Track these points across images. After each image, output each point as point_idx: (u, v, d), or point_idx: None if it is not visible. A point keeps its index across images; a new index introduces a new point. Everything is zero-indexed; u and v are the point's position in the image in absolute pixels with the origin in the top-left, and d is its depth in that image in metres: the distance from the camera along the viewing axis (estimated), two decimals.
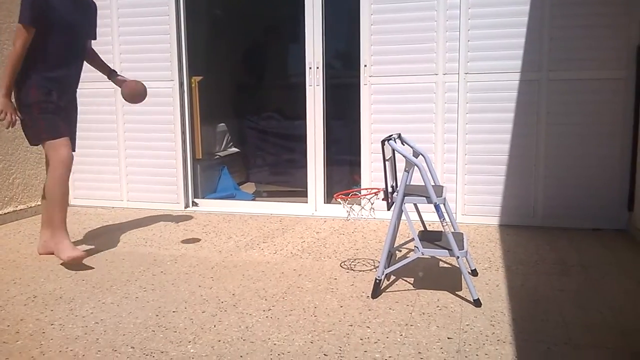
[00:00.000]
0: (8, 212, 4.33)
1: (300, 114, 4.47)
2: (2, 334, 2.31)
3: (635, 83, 3.70)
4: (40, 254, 3.42)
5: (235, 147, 5.80)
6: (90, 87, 4.77)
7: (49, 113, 3.23)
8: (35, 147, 4.60)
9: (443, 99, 4.05)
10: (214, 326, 2.36)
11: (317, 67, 4.29)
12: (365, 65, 4.18)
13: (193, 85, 4.70)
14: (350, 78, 4.31)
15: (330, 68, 4.48)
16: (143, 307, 2.59)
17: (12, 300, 2.69)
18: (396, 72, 4.12)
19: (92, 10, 3.50)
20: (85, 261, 3.28)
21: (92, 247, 3.61)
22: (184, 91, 4.62)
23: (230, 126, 5.72)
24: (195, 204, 4.76)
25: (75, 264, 3.18)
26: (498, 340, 2.20)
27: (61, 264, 3.21)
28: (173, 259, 3.32)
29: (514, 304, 2.56)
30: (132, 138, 4.75)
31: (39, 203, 4.62)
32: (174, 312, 2.52)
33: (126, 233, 3.96)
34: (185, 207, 4.71)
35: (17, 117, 3.18)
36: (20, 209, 4.44)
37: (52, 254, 3.33)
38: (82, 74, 4.86)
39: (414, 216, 2.90)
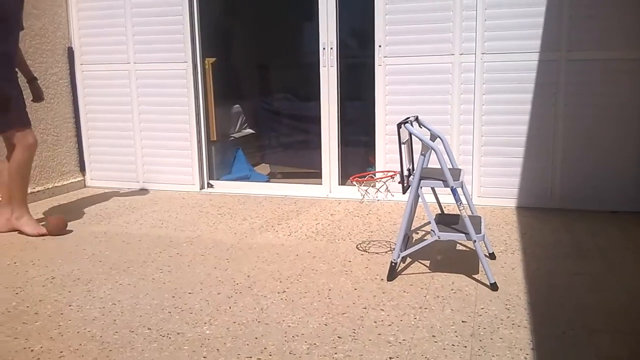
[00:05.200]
0: None
1: (314, 95, 4.44)
2: (22, 315, 2.35)
3: None
4: (1, 232, 3.56)
5: (249, 128, 5.80)
6: (106, 69, 4.79)
7: (16, 103, 3.39)
8: (50, 130, 4.65)
9: (459, 80, 4.00)
10: (229, 308, 2.38)
11: (332, 48, 4.25)
12: (379, 46, 4.13)
13: (207, 67, 4.69)
14: (365, 58, 4.27)
15: (345, 48, 4.43)
16: (159, 288, 2.61)
17: (30, 281, 2.74)
18: (411, 52, 4.07)
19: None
20: (103, 243, 3.33)
21: (108, 228, 3.65)
22: (197, 73, 4.61)
23: (245, 108, 5.71)
24: (210, 186, 4.78)
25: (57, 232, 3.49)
26: (513, 324, 2.19)
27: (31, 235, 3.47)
28: (189, 241, 3.34)
29: (529, 288, 2.54)
30: (147, 120, 4.76)
31: (56, 184, 4.68)
32: (189, 293, 2.55)
33: (142, 214, 3.99)
34: (200, 189, 4.74)
35: None
36: (38, 191, 4.49)
37: (14, 231, 3.56)
38: (92, 56, 4.91)
39: (430, 198, 2.89)
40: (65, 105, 4.80)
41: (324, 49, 4.27)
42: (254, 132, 5.78)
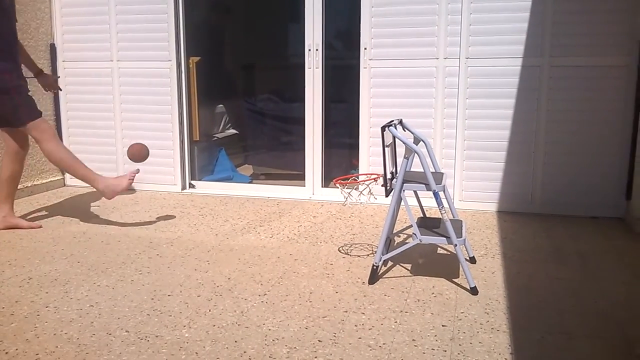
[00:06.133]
0: None
1: (299, 96, 4.43)
2: None
3: (638, 70, 3.66)
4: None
5: (233, 129, 5.77)
6: (88, 66, 4.73)
7: (24, 95, 3.41)
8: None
9: (443, 84, 4.01)
10: (209, 310, 2.36)
11: (317, 49, 4.25)
12: (365, 48, 4.13)
13: (191, 65, 4.65)
14: (350, 60, 4.27)
15: (330, 50, 4.43)
16: (138, 290, 2.58)
17: (7, 282, 2.69)
18: (396, 55, 4.08)
19: None
20: (81, 243, 3.28)
21: (87, 228, 3.60)
22: (181, 72, 4.57)
23: (229, 108, 5.68)
24: (192, 186, 4.74)
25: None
26: (492, 328, 2.20)
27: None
28: (169, 242, 3.31)
29: (509, 292, 2.56)
30: (129, 118, 4.71)
31: (35, 183, 4.61)
32: (169, 295, 2.52)
33: (122, 214, 3.95)
34: (182, 189, 4.70)
35: None
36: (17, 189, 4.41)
37: (13, 228, 3.55)
38: (75, 53, 4.86)
39: (413, 202, 2.89)
40: (47, 102, 4.73)
41: (309, 50, 4.26)
42: (237, 132, 5.75)
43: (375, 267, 2.68)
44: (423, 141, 2.90)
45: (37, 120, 3.42)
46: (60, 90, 3.74)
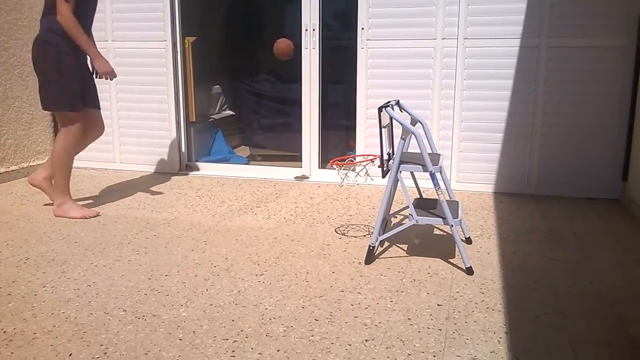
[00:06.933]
0: (0, 173, 4.30)
1: (296, 77, 4.40)
2: None
3: (636, 52, 3.64)
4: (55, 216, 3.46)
5: (229, 110, 5.74)
6: None
7: (73, 85, 3.31)
8: (26, 108, 4.56)
9: (441, 65, 3.99)
10: (206, 290, 2.37)
11: (314, 30, 4.21)
12: (362, 28, 4.10)
13: (186, 46, 4.61)
14: (348, 40, 4.24)
15: (327, 30, 4.39)
16: (135, 270, 2.59)
17: (4, 262, 2.69)
18: (394, 35, 4.05)
19: None
20: (78, 223, 3.28)
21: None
22: (177, 52, 4.54)
23: (225, 88, 5.65)
24: (188, 167, 4.74)
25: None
26: (487, 307, 2.21)
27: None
28: (166, 223, 3.31)
29: (504, 272, 2.57)
30: (124, 99, 4.68)
31: (31, 164, 4.59)
32: (166, 275, 2.53)
33: (119, 196, 3.94)
34: (178, 170, 4.69)
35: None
36: (13, 170, 4.40)
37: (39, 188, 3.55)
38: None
39: (409, 183, 2.89)
40: None
41: (306, 30, 4.23)
42: (233, 113, 5.72)
43: (371, 248, 2.69)
44: (420, 122, 2.89)
45: (69, 113, 3.34)
46: (108, 75, 3.43)
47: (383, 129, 2.61)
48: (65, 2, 3.15)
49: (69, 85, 3.29)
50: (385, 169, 2.69)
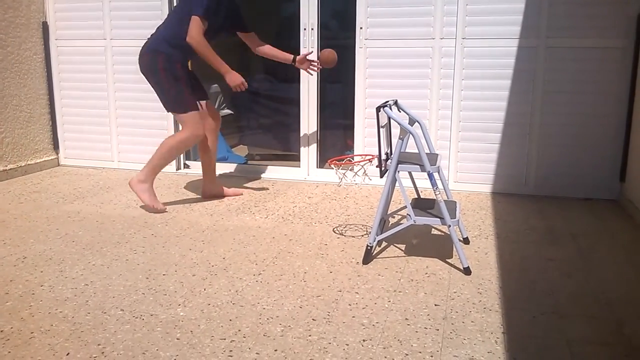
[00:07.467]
0: None
1: (294, 77, 4.40)
2: None
3: (634, 52, 3.65)
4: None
5: (228, 109, 5.74)
6: (81, 44, 4.69)
7: (188, 87, 3.51)
8: (24, 106, 4.55)
9: (439, 64, 4.00)
10: (204, 289, 2.37)
11: (312, 29, 4.21)
12: (361, 28, 4.10)
13: None
14: (346, 40, 4.23)
15: (326, 29, 4.39)
16: (133, 269, 2.59)
17: (1, 261, 2.69)
18: (392, 35, 4.05)
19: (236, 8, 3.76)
20: (76, 222, 3.28)
21: (82, 207, 3.59)
22: None
23: (223, 87, 5.64)
24: (187, 167, 4.73)
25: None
26: (484, 308, 2.22)
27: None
28: (164, 222, 3.31)
29: (502, 272, 2.58)
30: (123, 98, 4.68)
31: (29, 162, 4.59)
32: (164, 275, 2.53)
33: (117, 195, 3.94)
34: (177, 170, 4.69)
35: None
36: (10, 169, 4.40)
37: (216, 197, 3.81)
38: (68, 32, 4.81)
39: (407, 183, 2.90)
40: (39, 81, 4.69)
41: (304, 29, 4.23)
42: (232, 112, 5.72)
43: (369, 248, 2.69)
44: (418, 122, 2.90)
45: (187, 114, 3.48)
46: (237, 87, 3.59)
47: (381, 129, 2.62)
48: (200, 26, 3.32)
49: (187, 88, 3.48)
50: (383, 168, 2.69)
